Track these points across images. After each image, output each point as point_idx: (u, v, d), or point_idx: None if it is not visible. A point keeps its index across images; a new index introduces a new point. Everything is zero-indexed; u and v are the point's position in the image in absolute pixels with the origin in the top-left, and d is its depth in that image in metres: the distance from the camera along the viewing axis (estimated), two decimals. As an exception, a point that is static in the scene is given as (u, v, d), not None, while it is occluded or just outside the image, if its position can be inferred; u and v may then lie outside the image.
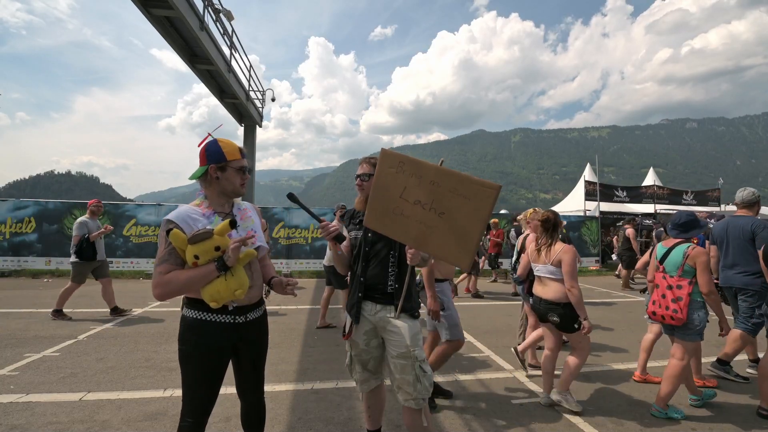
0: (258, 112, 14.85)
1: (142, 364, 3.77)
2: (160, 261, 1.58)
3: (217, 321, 1.66)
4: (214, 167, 1.68)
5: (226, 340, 1.68)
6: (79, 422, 2.67)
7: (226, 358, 1.72)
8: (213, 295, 1.59)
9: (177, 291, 1.56)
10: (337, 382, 3.44)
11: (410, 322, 2.02)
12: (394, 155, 1.89)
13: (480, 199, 1.73)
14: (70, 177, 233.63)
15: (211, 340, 1.65)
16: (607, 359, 4.25)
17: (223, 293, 1.58)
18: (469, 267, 1.82)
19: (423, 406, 2.00)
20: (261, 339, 1.84)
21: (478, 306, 7.05)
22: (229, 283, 1.59)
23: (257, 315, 1.80)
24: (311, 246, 10.69)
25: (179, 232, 1.55)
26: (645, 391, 3.42)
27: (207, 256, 1.57)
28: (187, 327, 1.67)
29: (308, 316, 5.96)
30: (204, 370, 1.66)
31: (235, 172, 1.71)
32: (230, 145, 1.72)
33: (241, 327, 1.72)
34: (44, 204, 9.60)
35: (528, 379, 3.63)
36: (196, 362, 1.65)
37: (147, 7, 7.69)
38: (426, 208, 1.81)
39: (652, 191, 16.33)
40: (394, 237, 1.92)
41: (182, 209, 1.66)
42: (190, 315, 1.66)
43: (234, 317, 1.69)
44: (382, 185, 1.90)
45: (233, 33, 11.16)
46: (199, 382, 1.66)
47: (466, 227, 1.76)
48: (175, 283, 1.55)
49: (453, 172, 1.78)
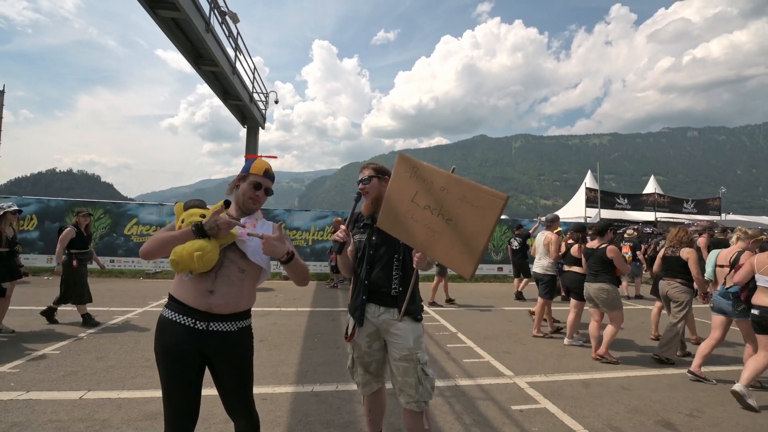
0: (261, 114, 14.91)
1: (142, 364, 3.77)
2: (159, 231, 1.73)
3: (177, 321, 1.64)
4: (240, 176, 1.81)
5: (188, 344, 1.63)
6: (78, 420, 2.67)
7: (191, 364, 1.65)
8: (176, 251, 1.57)
9: (157, 248, 1.63)
10: (337, 385, 3.43)
11: (413, 325, 2.03)
12: (409, 160, 1.93)
13: (487, 207, 1.74)
14: (71, 175, 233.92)
15: (172, 339, 1.64)
16: (605, 367, 4.25)
17: (184, 253, 1.55)
18: (472, 275, 1.83)
19: (425, 409, 2.01)
20: (237, 356, 1.72)
21: (479, 312, 7.05)
22: (194, 244, 1.57)
23: (225, 329, 1.67)
24: (312, 248, 10.70)
25: (180, 204, 1.75)
26: (644, 398, 3.42)
27: (191, 218, 1.67)
28: (157, 324, 1.70)
29: (308, 318, 5.96)
30: (168, 371, 1.64)
31: (249, 185, 1.77)
32: (261, 163, 1.81)
33: (203, 335, 1.64)
34: (46, 202, 9.63)
35: (528, 385, 3.63)
36: (160, 361, 1.66)
37: (154, 9, 7.75)
38: (435, 213, 1.84)
39: (653, 199, 16.37)
40: (403, 240, 1.95)
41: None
42: (162, 313, 1.70)
43: (194, 321, 1.63)
44: (396, 188, 1.94)
45: (238, 35, 11.23)
46: (167, 385, 1.64)
47: (473, 235, 1.77)
48: (156, 239, 1.64)
49: (463, 180, 1.81)
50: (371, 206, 2.15)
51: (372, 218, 2.16)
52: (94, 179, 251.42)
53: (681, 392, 3.61)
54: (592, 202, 14.92)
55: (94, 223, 9.52)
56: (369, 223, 2.14)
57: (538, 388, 3.56)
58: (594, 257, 4.59)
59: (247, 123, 14.66)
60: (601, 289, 4.45)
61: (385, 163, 2.20)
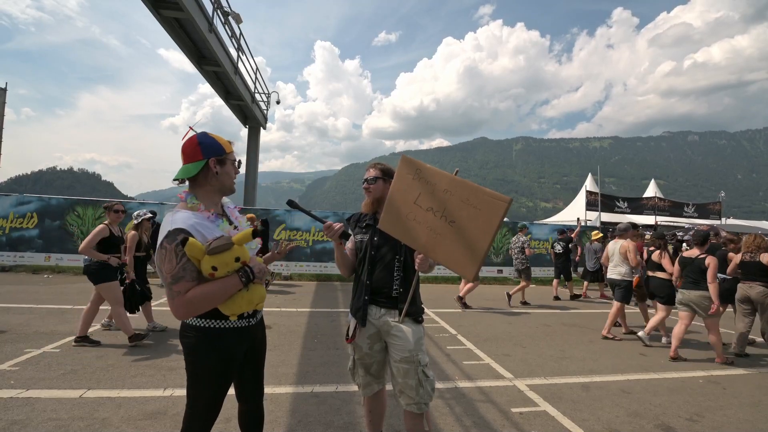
0: (263, 114, 14.94)
1: (142, 363, 3.77)
2: (174, 279, 1.42)
3: (236, 327, 1.60)
4: (215, 161, 1.57)
5: (243, 345, 1.65)
6: (78, 419, 2.67)
7: (239, 363, 1.68)
8: (234, 309, 1.54)
9: (201, 310, 1.47)
10: (337, 386, 3.43)
11: (414, 326, 2.03)
12: (413, 162, 1.93)
13: (490, 210, 1.75)
14: (72, 174, 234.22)
15: (232, 348, 1.59)
16: (605, 370, 4.25)
17: (244, 306, 1.56)
18: (475, 277, 1.84)
19: (425, 410, 2.01)
20: (264, 340, 1.85)
21: (479, 314, 7.05)
22: (252, 295, 1.57)
23: (261, 315, 1.80)
24: (312, 248, 10.69)
25: (196, 241, 1.42)
26: (644, 402, 3.42)
27: (226, 267, 1.47)
28: (208, 339, 1.54)
29: (308, 319, 5.96)
30: (222, 385, 1.59)
31: (232, 165, 1.64)
32: (222, 139, 1.63)
33: (252, 329, 1.71)
34: (47, 200, 9.63)
35: (527, 388, 3.63)
36: (217, 378, 1.56)
37: (157, 9, 7.78)
38: (437, 215, 1.84)
39: (653, 203, 16.38)
40: (405, 241, 1.95)
41: (186, 215, 1.50)
42: (209, 325, 1.54)
43: (249, 320, 1.66)
44: (399, 190, 1.93)
45: (241, 35, 11.27)
46: (216, 392, 1.58)
47: (475, 237, 1.78)
48: (199, 301, 1.44)
49: (466, 182, 1.81)
50: (372, 206, 2.15)
51: (374, 219, 2.16)
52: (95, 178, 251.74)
53: (681, 396, 3.61)
54: (592, 206, 14.93)
55: (95, 222, 9.52)
56: (371, 224, 2.14)
57: (538, 390, 3.56)
58: (693, 266, 4.79)
59: (248, 123, 14.69)
60: (703, 296, 4.66)
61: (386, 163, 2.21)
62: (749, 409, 3.42)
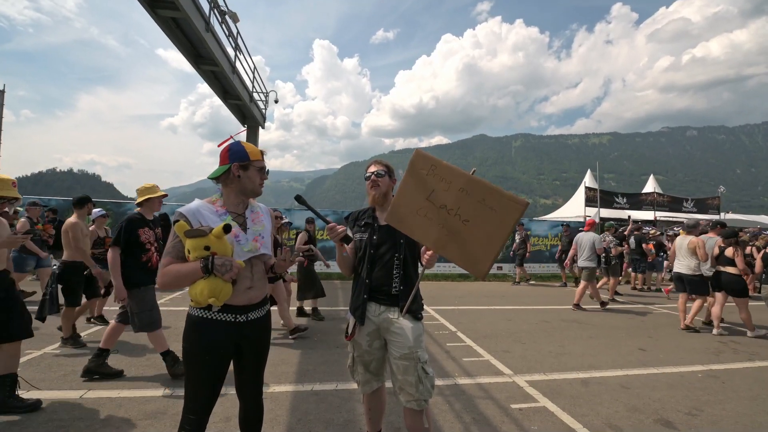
0: (261, 113, 14.90)
1: (142, 363, 3.78)
2: (165, 252, 1.68)
3: (219, 319, 1.70)
4: (237, 165, 1.75)
5: (228, 338, 1.72)
6: (79, 420, 2.67)
7: (227, 356, 1.75)
8: (193, 294, 1.63)
9: (171, 283, 1.64)
10: (337, 384, 3.44)
11: (414, 323, 2.03)
12: (427, 158, 1.90)
13: (506, 212, 1.74)
14: (71, 175, 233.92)
15: (212, 338, 1.69)
16: (605, 365, 4.26)
17: (199, 297, 1.61)
18: (484, 275, 1.83)
19: (424, 407, 2.01)
20: (263, 339, 1.87)
21: (478, 310, 7.06)
22: (211, 285, 1.60)
23: (259, 315, 1.82)
24: (311, 248, 10.68)
25: (184, 224, 1.63)
26: (643, 397, 3.43)
27: (196, 252, 1.62)
28: (190, 325, 1.72)
29: (308, 317, 5.97)
30: (206, 368, 1.69)
31: (256, 171, 1.79)
32: (253, 147, 1.81)
33: (243, 326, 1.75)
34: (47, 201, 9.61)
35: (527, 384, 3.64)
36: (199, 360, 1.69)
37: (154, 8, 7.74)
38: (451, 213, 1.82)
39: (653, 198, 16.39)
40: (414, 237, 1.93)
41: (196, 203, 1.75)
42: (194, 313, 1.71)
43: (235, 316, 1.72)
44: (410, 185, 1.90)
45: (238, 34, 11.23)
46: (202, 380, 1.70)
47: (489, 237, 1.77)
48: (168, 275, 1.63)
49: (484, 182, 1.80)
50: (378, 200, 2.13)
51: (373, 217, 2.16)
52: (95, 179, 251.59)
53: (680, 391, 3.62)
54: (591, 202, 14.94)
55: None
56: (370, 222, 2.15)
57: (538, 386, 3.57)
58: None
59: (247, 122, 14.64)
60: None
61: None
62: (748, 402, 3.43)
